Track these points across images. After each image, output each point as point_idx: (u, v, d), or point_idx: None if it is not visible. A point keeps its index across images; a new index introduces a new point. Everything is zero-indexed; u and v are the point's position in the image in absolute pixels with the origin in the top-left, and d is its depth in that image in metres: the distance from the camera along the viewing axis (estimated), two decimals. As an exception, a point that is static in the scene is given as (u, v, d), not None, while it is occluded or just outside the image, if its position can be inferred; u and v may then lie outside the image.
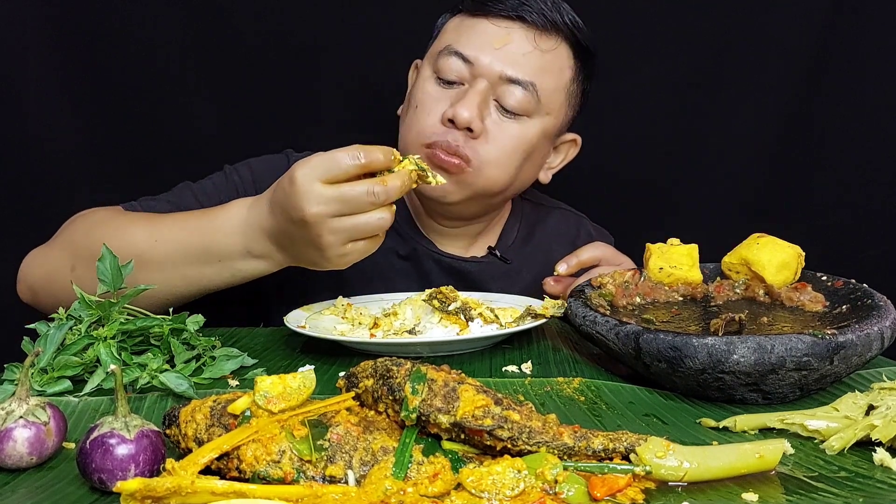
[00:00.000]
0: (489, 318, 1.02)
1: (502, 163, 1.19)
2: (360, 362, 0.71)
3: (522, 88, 1.17)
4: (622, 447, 0.64)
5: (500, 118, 1.18)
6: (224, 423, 0.65)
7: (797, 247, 1.00)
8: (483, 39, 1.18)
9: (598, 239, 1.40)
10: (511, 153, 1.20)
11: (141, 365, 0.87)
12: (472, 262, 1.32)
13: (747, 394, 0.80)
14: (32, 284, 1.14)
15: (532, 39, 1.18)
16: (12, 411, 0.67)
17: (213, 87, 1.59)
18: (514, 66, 1.17)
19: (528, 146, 1.21)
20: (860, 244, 1.66)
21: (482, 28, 1.19)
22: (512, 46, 1.17)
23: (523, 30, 1.18)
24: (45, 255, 1.14)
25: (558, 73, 1.21)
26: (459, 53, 1.18)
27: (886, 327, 0.81)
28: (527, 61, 1.18)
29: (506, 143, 1.19)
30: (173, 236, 1.04)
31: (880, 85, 1.61)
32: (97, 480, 0.62)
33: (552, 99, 1.21)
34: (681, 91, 1.64)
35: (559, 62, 1.21)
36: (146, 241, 1.04)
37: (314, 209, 0.89)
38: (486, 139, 1.17)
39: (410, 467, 0.61)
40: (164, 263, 1.03)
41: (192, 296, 1.06)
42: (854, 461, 0.67)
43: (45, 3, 1.50)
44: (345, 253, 0.93)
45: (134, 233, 1.06)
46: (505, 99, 1.17)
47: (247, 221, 1.00)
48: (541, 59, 1.19)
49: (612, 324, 0.86)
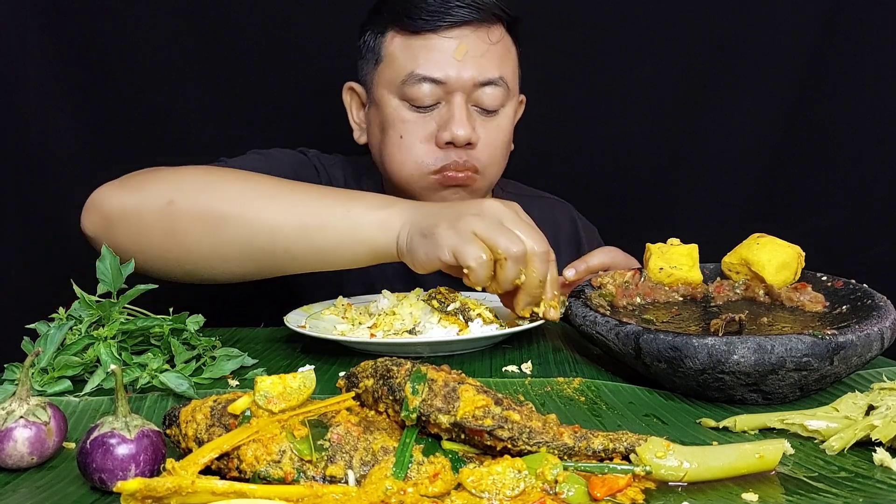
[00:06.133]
0: (489, 319, 1.02)
1: (497, 158, 1.26)
2: (360, 362, 0.71)
3: (495, 86, 1.21)
4: (622, 447, 0.64)
5: (484, 119, 1.23)
6: (224, 423, 0.65)
7: (797, 247, 1.00)
8: (443, 56, 1.19)
9: (584, 226, 1.41)
10: (502, 147, 1.26)
11: (141, 365, 0.87)
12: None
13: (747, 394, 0.80)
14: (109, 214, 1.03)
15: (484, 37, 1.21)
16: (13, 411, 0.67)
17: (213, 88, 1.59)
18: (481, 70, 1.20)
19: (509, 133, 1.28)
20: (860, 244, 1.66)
21: (436, 45, 1.20)
22: (471, 52, 1.19)
23: (473, 31, 1.20)
24: (132, 187, 1.05)
25: (512, 56, 1.27)
26: (428, 78, 1.19)
27: (886, 327, 0.81)
28: (488, 60, 1.21)
29: (496, 140, 1.24)
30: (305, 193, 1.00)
31: (880, 85, 1.62)
32: (97, 480, 0.62)
33: (514, 80, 1.27)
34: (681, 91, 1.64)
35: (507, 44, 1.26)
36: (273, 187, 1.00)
37: (492, 203, 0.94)
38: (482, 144, 1.22)
39: (410, 467, 0.61)
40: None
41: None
42: (854, 461, 0.67)
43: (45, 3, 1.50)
44: (457, 244, 0.90)
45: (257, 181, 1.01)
46: (483, 101, 1.21)
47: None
48: (497, 51, 1.23)
49: (612, 324, 0.86)
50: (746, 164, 1.67)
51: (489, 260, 0.90)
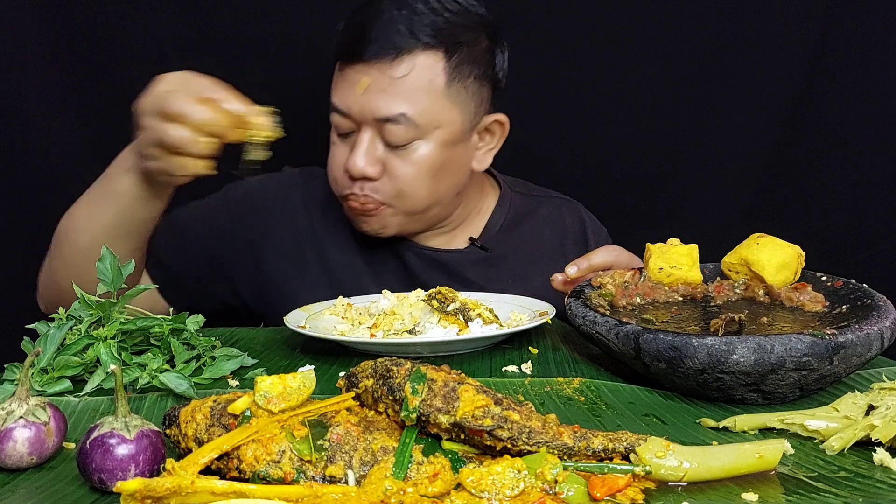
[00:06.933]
0: (489, 319, 1.02)
1: (414, 190, 1.22)
2: (360, 362, 0.71)
3: (396, 123, 1.17)
4: (622, 447, 0.64)
5: (392, 154, 1.20)
6: (224, 423, 0.65)
7: (797, 247, 1.00)
8: (348, 88, 1.19)
9: (592, 226, 1.41)
10: (417, 179, 1.21)
11: (141, 365, 0.87)
12: (453, 253, 1.35)
13: (747, 394, 0.80)
14: (41, 293, 1.22)
15: (386, 72, 1.17)
16: (12, 411, 0.67)
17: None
18: (380, 106, 1.17)
19: (431, 165, 1.21)
20: (860, 244, 1.66)
21: (346, 76, 1.20)
22: (372, 87, 1.17)
23: (376, 66, 1.17)
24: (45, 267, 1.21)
25: (427, 88, 1.18)
26: (336, 108, 1.21)
27: (886, 327, 0.81)
28: (390, 96, 1.17)
29: (407, 173, 1.20)
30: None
31: (880, 85, 1.62)
32: (97, 480, 0.62)
33: (432, 115, 1.19)
34: (680, 91, 1.64)
35: (424, 77, 1.18)
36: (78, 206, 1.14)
37: (146, 99, 0.99)
38: (389, 177, 1.20)
39: (410, 467, 0.61)
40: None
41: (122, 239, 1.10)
42: (854, 461, 0.67)
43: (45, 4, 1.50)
44: (148, 155, 1.00)
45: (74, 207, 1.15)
46: (387, 137, 1.19)
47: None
48: (402, 86, 1.17)
49: (611, 324, 0.86)
50: (746, 165, 1.67)
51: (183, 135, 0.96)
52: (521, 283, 1.27)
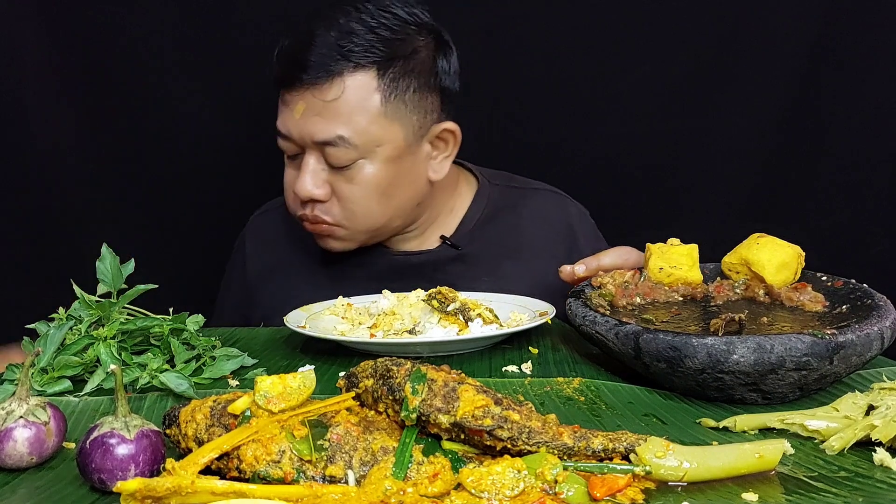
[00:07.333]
0: (489, 319, 1.02)
1: (364, 209, 1.21)
2: (360, 362, 0.71)
3: (335, 146, 1.16)
4: (622, 447, 0.64)
5: (338, 175, 1.19)
6: (224, 423, 0.65)
7: (797, 247, 1.00)
8: (288, 113, 1.19)
9: (578, 217, 1.39)
10: (366, 199, 1.20)
11: (141, 365, 0.88)
12: (424, 254, 1.34)
13: (747, 394, 0.80)
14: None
15: (318, 97, 1.16)
16: (12, 411, 0.67)
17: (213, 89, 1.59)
18: (316, 130, 1.16)
19: (378, 183, 1.20)
20: (860, 244, 1.66)
21: (285, 101, 1.20)
22: (307, 111, 1.17)
23: (310, 91, 1.16)
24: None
25: (363, 108, 1.17)
26: (279, 132, 1.21)
27: (886, 327, 0.81)
28: (325, 120, 1.16)
29: (355, 194, 1.20)
30: None
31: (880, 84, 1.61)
32: (97, 480, 0.62)
33: (370, 134, 1.17)
34: (680, 90, 1.64)
35: (357, 97, 1.16)
36: None
37: None
38: (338, 197, 1.21)
39: (410, 467, 0.61)
40: None
41: None
42: (854, 461, 0.67)
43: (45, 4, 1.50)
44: None
45: None
46: (330, 159, 1.18)
47: None
48: (336, 109, 1.16)
49: (611, 324, 0.86)
50: (746, 164, 1.66)
51: None
52: (495, 279, 1.26)
